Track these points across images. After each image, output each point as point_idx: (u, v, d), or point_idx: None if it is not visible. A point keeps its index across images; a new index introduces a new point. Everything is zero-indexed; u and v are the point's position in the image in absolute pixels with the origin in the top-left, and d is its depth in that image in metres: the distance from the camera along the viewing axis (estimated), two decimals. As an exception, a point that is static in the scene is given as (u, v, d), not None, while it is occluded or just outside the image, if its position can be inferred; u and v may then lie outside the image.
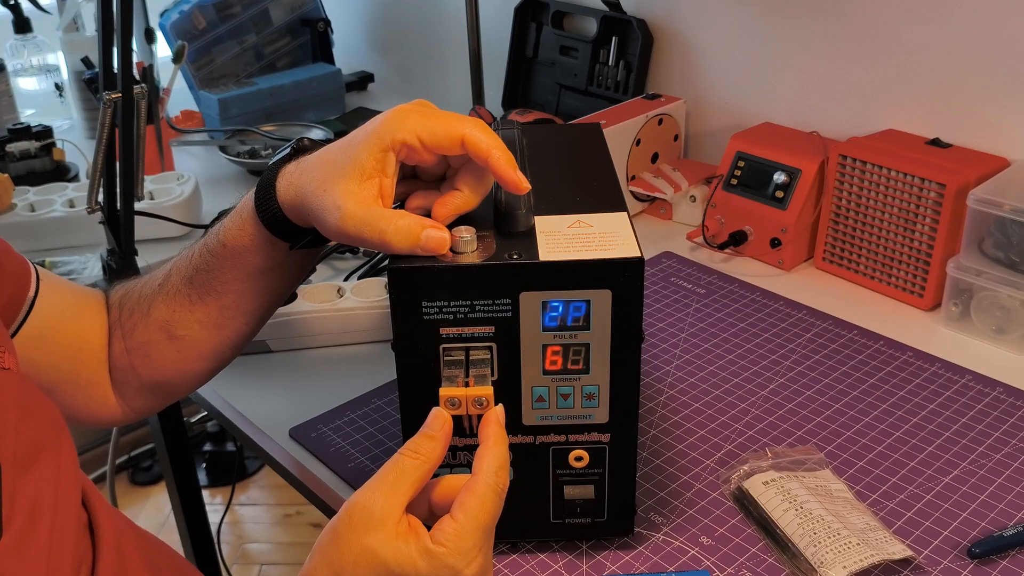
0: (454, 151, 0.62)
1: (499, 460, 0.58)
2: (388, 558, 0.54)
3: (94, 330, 0.76)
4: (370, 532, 0.54)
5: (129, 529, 0.62)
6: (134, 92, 0.98)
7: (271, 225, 0.67)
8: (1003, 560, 0.70)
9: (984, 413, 0.86)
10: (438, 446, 0.58)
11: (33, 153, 1.42)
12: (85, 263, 1.16)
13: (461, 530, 0.55)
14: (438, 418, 0.59)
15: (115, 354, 0.76)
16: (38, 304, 0.71)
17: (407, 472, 0.56)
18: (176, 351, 0.73)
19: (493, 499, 0.57)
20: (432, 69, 1.80)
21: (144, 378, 0.75)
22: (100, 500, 0.60)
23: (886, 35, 1.12)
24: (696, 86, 1.35)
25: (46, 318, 0.72)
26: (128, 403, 0.78)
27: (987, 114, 1.06)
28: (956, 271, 0.98)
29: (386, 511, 0.55)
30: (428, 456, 0.57)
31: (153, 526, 2.10)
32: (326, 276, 1.13)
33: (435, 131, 0.61)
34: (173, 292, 0.72)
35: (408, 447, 0.57)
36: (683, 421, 0.87)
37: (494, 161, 0.61)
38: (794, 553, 0.69)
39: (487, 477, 0.57)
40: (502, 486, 0.57)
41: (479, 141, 0.61)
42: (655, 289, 1.10)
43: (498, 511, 0.57)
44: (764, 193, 1.13)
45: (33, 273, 0.72)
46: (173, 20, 1.63)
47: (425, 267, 0.61)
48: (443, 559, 0.54)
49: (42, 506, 0.52)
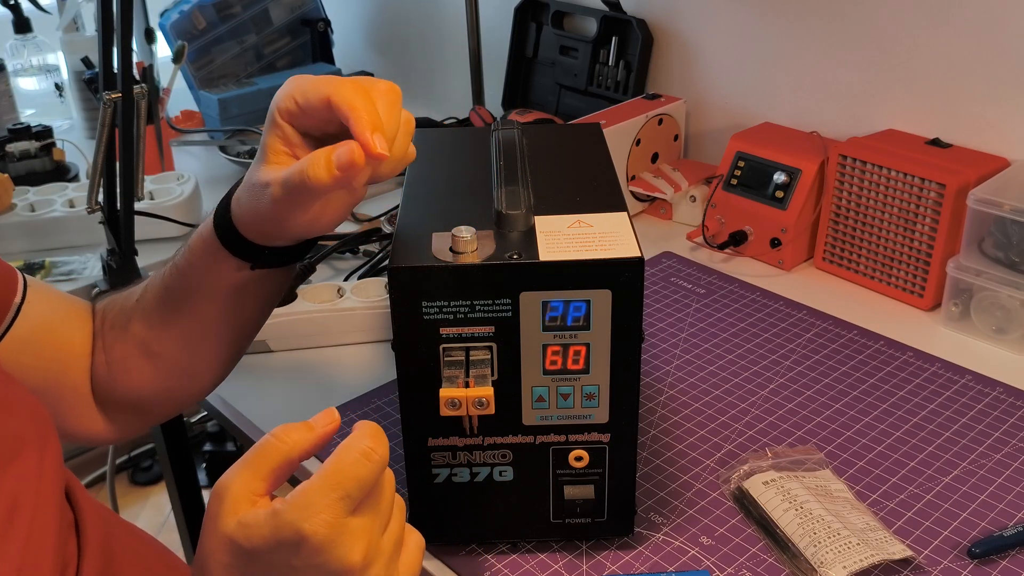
0: (324, 112, 0.60)
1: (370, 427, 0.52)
2: (238, 535, 0.49)
3: (80, 339, 0.75)
4: (223, 514, 0.50)
5: (118, 528, 0.62)
6: (134, 92, 0.98)
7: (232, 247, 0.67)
8: (1003, 560, 0.70)
9: (984, 413, 0.86)
10: (310, 439, 0.52)
11: (33, 153, 1.42)
12: (85, 263, 1.16)
13: (307, 487, 0.49)
14: (327, 415, 0.54)
15: (96, 367, 0.75)
16: (24, 310, 0.71)
17: (267, 454, 0.52)
18: (154, 368, 0.73)
19: (353, 458, 0.50)
20: (432, 69, 1.80)
21: (124, 394, 0.75)
22: (87, 499, 0.59)
23: (886, 35, 1.12)
24: (696, 86, 1.35)
25: (33, 324, 0.71)
26: (110, 419, 0.77)
27: (987, 114, 1.06)
28: (956, 271, 0.98)
29: (237, 490, 0.50)
30: (294, 445, 0.52)
31: (153, 526, 2.10)
32: (326, 276, 1.13)
33: (308, 94, 0.60)
34: (149, 309, 0.72)
35: (278, 430, 0.52)
36: (683, 421, 0.87)
37: (354, 122, 0.58)
38: (794, 553, 0.69)
39: (351, 439, 0.51)
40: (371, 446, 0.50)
41: (343, 101, 0.58)
42: (655, 289, 1.10)
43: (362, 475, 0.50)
44: (764, 193, 1.13)
45: (20, 279, 0.72)
46: (173, 20, 1.63)
47: (425, 267, 0.61)
48: (283, 516, 0.49)
49: (22, 503, 0.51)
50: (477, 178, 0.73)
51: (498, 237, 0.63)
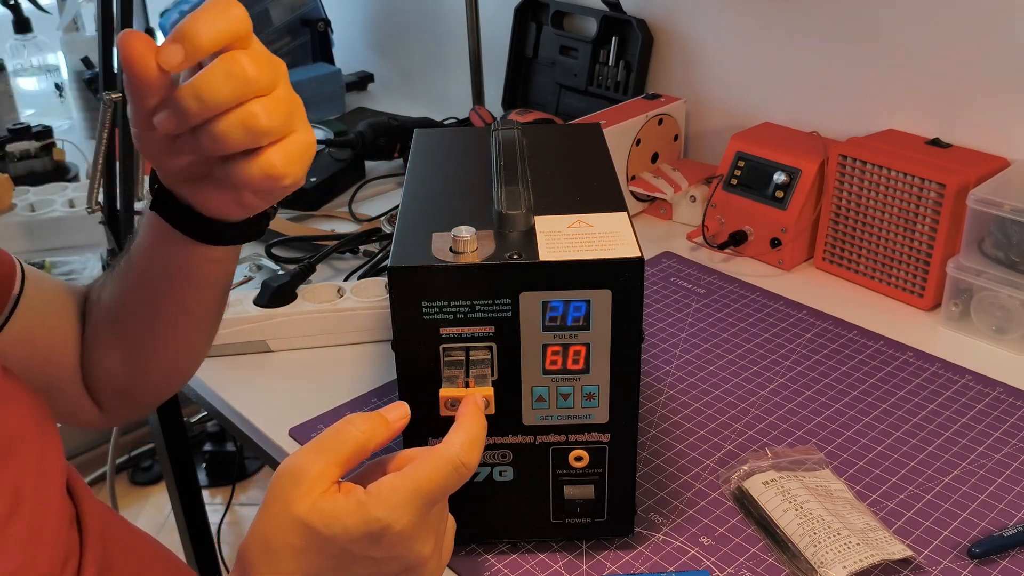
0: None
1: (468, 435, 0.55)
2: (315, 521, 0.50)
3: (73, 327, 0.75)
4: (296, 497, 0.51)
5: (116, 523, 0.62)
6: (134, 92, 0.98)
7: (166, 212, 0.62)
8: (1003, 560, 0.70)
9: (984, 413, 0.86)
10: (385, 432, 0.54)
11: (33, 153, 1.43)
12: (85, 263, 1.16)
13: (398, 486, 0.51)
14: (399, 408, 0.56)
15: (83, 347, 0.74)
16: (22, 303, 0.70)
17: (344, 441, 0.52)
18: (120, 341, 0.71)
19: (447, 469, 0.52)
20: (432, 69, 1.80)
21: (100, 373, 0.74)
22: (87, 493, 0.60)
23: (886, 35, 1.12)
24: (696, 86, 1.35)
25: (29, 316, 0.71)
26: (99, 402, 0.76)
27: (987, 114, 1.06)
28: (956, 271, 0.98)
29: (313, 474, 0.51)
30: (371, 434, 0.53)
31: (153, 526, 2.10)
32: (326, 276, 1.13)
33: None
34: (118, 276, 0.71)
35: (354, 418, 0.54)
36: (683, 421, 0.87)
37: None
38: (794, 553, 0.69)
39: (446, 448, 0.53)
40: (463, 461, 0.53)
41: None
42: (655, 289, 1.10)
43: (450, 484, 0.53)
44: (764, 193, 1.13)
45: (18, 273, 0.71)
46: (173, 20, 1.63)
47: (425, 267, 0.61)
48: (371, 510, 0.50)
49: (23, 496, 0.51)
50: (477, 178, 0.73)
51: (498, 237, 0.63)
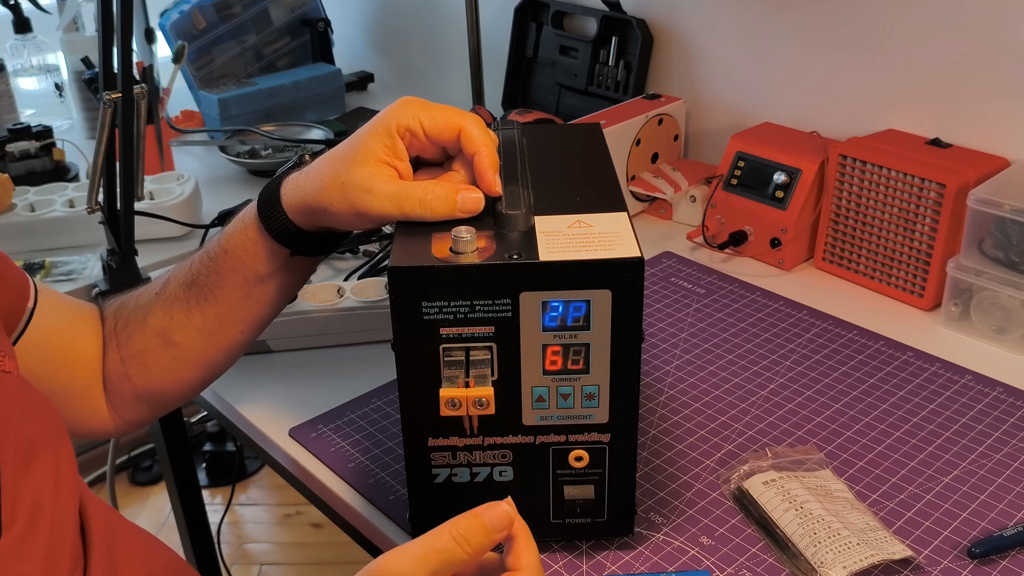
0: (451, 142, 0.66)
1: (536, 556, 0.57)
2: None
3: (89, 341, 0.77)
4: None
5: (121, 528, 0.62)
6: (134, 92, 0.98)
7: (274, 230, 0.69)
8: (1003, 560, 0.70)
9: (984, 413, 0.86)
10: (490, 543, 0.55)
11: (33, 153, 1.42)
12: (85, 263, 1.16)
13: None
14: (504, 517, 0.56)
15: (109, 364, 0.77)
16: (36, 315, 0.72)
17: (448, 558, 0.54)
18: (172, 358, 0.75)
19: None
20: (432, 69, 1.80)
21: (138, 387, 0.76)
22: (92, 500, 0.60)
23: (886, 35, 1.12)
24: (696, 86, 1.35)
25: (43, 329, 0.73)
26: (120, 414, 0.79)
27: (987, 114, 1.06)
28: (956, 271, 0.98)
29: None
30: (477, 550, 0.54)
31: (153, 526, 2.10)
32: (326, 276, 1.13)
33: (437, 119, 0.66)
34: (171, 298, 0.74)
35: (460, 531, 0.54)
36: (683, 421, 0.87)
37: (479, 158, 0.65)
38: (794, 553, 0.69)
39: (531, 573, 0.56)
40: None
41: (473, 136, 0.65)
42: (655, 289, 1.10)
43: None
44: (764, 193, 1.13)
45: (32, 285, 0.73)
46: (173, 20, 1.63)
47: (425, 267, 0.61)
48: None
49: (43, 505, 0.52)
50: (477, 178, 0.72)
51: (498, 237, 0.63)
